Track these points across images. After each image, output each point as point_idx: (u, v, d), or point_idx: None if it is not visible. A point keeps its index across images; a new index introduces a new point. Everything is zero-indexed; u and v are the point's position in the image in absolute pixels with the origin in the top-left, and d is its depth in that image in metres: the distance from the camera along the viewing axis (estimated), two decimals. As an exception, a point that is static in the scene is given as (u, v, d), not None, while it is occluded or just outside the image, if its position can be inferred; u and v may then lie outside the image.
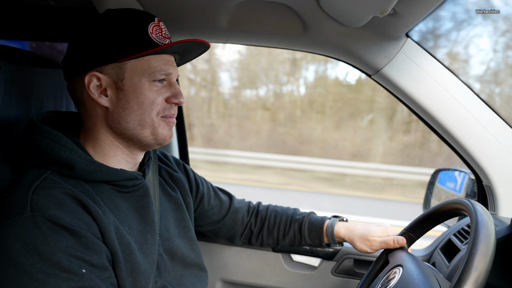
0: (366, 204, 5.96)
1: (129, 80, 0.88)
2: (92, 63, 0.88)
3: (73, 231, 0.75)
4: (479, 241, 0.69)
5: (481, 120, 1.21)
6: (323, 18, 1.18)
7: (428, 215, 1.01)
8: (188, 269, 1.08)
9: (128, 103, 0.89)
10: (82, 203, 0.81)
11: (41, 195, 0.77)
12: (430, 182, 1.57)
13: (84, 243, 0.76)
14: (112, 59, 0.87)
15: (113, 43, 0.87)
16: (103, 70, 0.88)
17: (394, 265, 0.96)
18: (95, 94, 0.88)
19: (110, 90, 0.89)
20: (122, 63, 0.88)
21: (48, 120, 0.95)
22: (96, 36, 0.89)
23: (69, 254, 0.73)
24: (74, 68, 0.91)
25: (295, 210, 1.36)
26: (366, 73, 1.34)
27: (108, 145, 0.93)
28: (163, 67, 0.91)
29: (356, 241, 1.20)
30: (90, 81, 0.88)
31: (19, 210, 0.74)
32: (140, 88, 0.88)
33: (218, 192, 1.34)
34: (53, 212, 0.75)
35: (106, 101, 0.89)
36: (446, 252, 1.26)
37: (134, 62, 0.88)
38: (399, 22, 1.11)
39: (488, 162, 1.23)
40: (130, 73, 0.88)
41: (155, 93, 0.90)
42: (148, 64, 0.89)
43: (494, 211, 1.27)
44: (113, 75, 0.88)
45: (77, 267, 0.73)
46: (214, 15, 1.24)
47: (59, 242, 0.73)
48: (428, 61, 1.23)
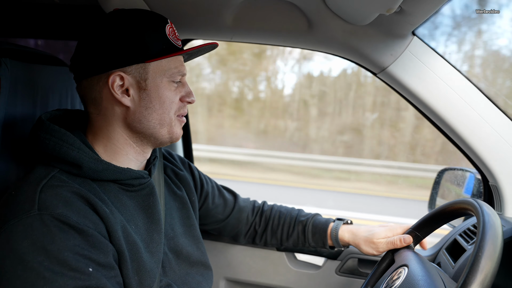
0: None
1: (152, 80, 0.90)
2: (116, 63, 0.88)
3: (80, 229, 0.76)
4: (486, 242, 0.68)
5: (488, 119, 1.20)
6: (329, 16, 1.18)
7: (434, 214, 1.01)
8: (194, 267, 1.08)
9: (151, 103, 0.91)
10: (89, 202, 0.81)
11: (49, 194, 0.77)
12: (436, 181, 1.56)
13: (91, 242, 0.76)
14: (138, 60, 0.89)
15: (138, 44, 0.88)
16: (127, 71, 0.89)
17: (399, 264, 0.96)
18: (118, 94, 0.89)
19: (133, 89, 0.90)
20: (146, 64, 0.90)
21: (56, 119, 0.95)
22: (118, 37, 0.88)
23: (76, 252, 0.73)
24: (92, 67, 0.90)
25: (299, 211, 1.36)
26: (371, 72, 1.33)
27: (121, 144, 0.93)
28: (180, 68, 0.94)
29: (362, 244, 1.20)
30: (114, 81, 0.88)
31: (27, 208, 0.75)
32: (162, 88, 0.91)
33: (223, 191, 1.34)
34: (61, 210, 0.75)
35: (128, 101, 0.90)
36: (451, 252, 1.26)
37: (157, 63, 0.91)
38: (405, 20, 1.10)
39: (495, 161, 1.22)
40: (153, 73, 0.90)
41: (173, 92, 0.94)
42: (169, 65, 0.92)
43: (500, 211, 1.26)
44: (137, 75, 0.89)
45: (84, 265, 0.73)
46: (219, 13, 1.24)
47: (66, 240, 0.73)
48: (435, 60, 1.22)
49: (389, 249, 1.12)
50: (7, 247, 0.72)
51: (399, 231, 1.15)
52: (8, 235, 0.73)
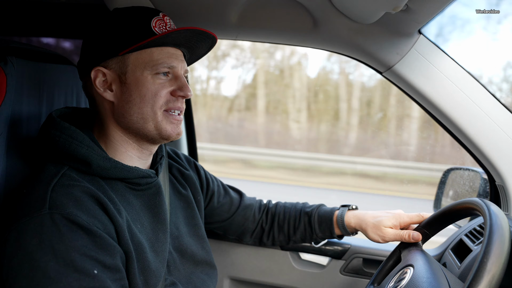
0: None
1: (132, 74, 0.89)
2: (96, 58, 0.90)
3: (89, 230, 0.76)
4: (494, 242, 0.68)
5: (494, 118, 1.19)
6: (334, 15, 1.17)
7: (443, 213, 1.00)
8: (198, 266, 1.08)
9: (131, 96, 0.90)
10: (100, 201, 0.81)
11: (60, 193, 0.78)
12: (441, 181, 1.55)
13: (98, 243, 0.77)
14: (113, 53, 0.89)
15: (114, 37, 0.89)
16: (108, 65, 0.90)
17: (405, 264, 0.95)
18: (100, 89, 0.90)
19: (115, 84, 0.91)
20: (125, 56, 0.89)
21: (66, 116, 0.96)
22: (100, 33, 0.91)
23: (83, 253, 0.74)
24: (83, 65, 0.93)
25: (304, 204, 1.35)
26: (377, 70, 1.32)
27: (118, 141, 0.93)
28: (166, 60, 0.91)
29: (368, 231, 1.17)
30: (96, 76, 0.90)
31: (38, 207, 0.75)
32: (142, 81, 0.89)
33: (228, 190, 1.34)
34: (71, 210, 0.76)
35: (111, 96, 0.91)
36: (457, 253, 1.25)
37: (136, 55, 0.89)
38: (411, 18, 1.09)
39: (501, 161, 1.21)
40: (132, 66, 0.89)
41: (158, 85, 0.90)
42: (150, 57, 0.90)
43: (507, 211, 1.25)
44: (117, 70, 0.90)
45: (89, 267, 0.74)
46: (224, 11, 1.24)
47: (74, 240, 0.74)
48: (441, 58, 1.21)
49: (396, 240, 1.11)
50: (16, 245, 0.72)
51: (406, 219, 1.13)
52: (19, 233, 0.73)
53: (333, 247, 1.46)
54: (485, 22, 6.43)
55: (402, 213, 1.16)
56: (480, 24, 6.67)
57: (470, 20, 6.46)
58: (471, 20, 6.47)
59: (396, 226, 1.13)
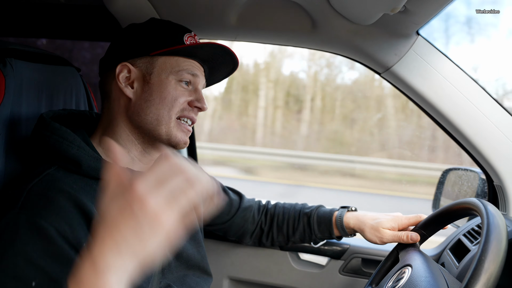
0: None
1: (157, 75, 0.93)
2: (125, 55, 0.94)
3: (48, 236, 0.71)
4: (491, 242, 0.68)
5: (492, 119, 1.20)
6: (333, 16, 1.17)
7: (440, 213, 1.01)
8: (191, 270, 1.07)
9: (151, 96, 0.92)
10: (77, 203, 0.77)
11: (34, 193, 0.76)
12: (440, 181, 1.56)
13: (51, 252, 0.70)
14: (144, 52, 0.93)
15: (148, 38, 0.95)
16: (135, 63, 0.94)
17: (403, 264, 0.96)
18: (122, 83, 0.93)
19: (137, 82, 0.94)
20: (154, 58, 0.93)
21: (60, 118, 0.95)
22: (134, 33, 0.96)
23: (28, 260, 0.69)
24: (108, 61, 0.96)
25: (303, 205, 1.35)
26: (376, 71, 1.33)
27: (124, 141, 0.94)
28: (190, 68, 0.96)
29: (367, 232, 1.18)
30: (120, 71, 0.93)
31: (12, 206, 0.74)
32: (165, 84, 0.93)
33: (228, 192, 1.34)
34: (37, 210, 0.73)
35: (131, 92, 0.93)
36: (455, 253, 1.25)
37: (165, 59, 0.94)
38: (409, 20, 1.09)
39: (499, 161, 1.21)
40: (159, 68, 0.93)
41: (179, 92, 0.94)
42: (177, 63, 0.94)
43: (505, 211, 1.25)
44: (143, 69, 0.93)
45: (31, 275, 0.68)
46: (224, 12, 1.24)
47: (25, 245, 0.69)
48: (439, 59, 1.22)
49: (394, 242, 1.12)
50: None
51: (405, 221, 1.14)
52: None
53: (332, 247, 1.47)
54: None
55: (401, 215, 1.17)
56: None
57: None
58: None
59: (395, 228, 1.14)
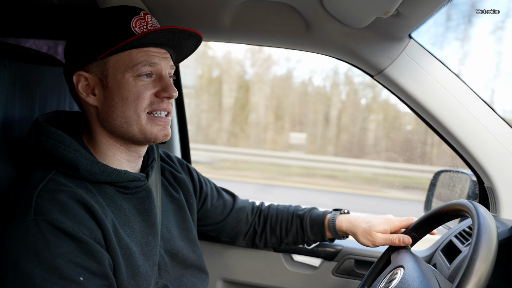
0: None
1: (113, 77, 0.87)
2: (77, 63, 0.88)
3: (75, 236, 0.75)
4: (481, 243, 0.69)
5: (483, 121, 1.21)
6: (326, 19, 1.18)
7: (431, 215, 1.02)
8: (188, 270, 1.07)
9: (113, 100, 0.87)
10: (87, 206, 0.80)
11: (45, 198, 0.77)
12: (432, 183, 1.57)
13: (84, 249, 0.76)
14: (92, 57, 0.87)
15: (93, 40, 0.87)
16: (89, 69, 0.88)
17: (395, 265, 0.96)
18: (83, 93, 0.89)
19: (97, 88, 0.89)
20: (105, 60, 0.87)
21: (53, 120, 0.95)
22: (80, 35, 0.89)
23: (68, 260, 0.73)
24: (66, 69, 0.92)
25: (296, 207, 1.36)
26: (368, 74, 1.34)
27: (105, 145, 0.92)
28: (146, 58, 0.87)
29: (359, 235, 1.19)
30: (78, 81, 0.88)
31: (23, 213, 0.74)
32: (123, 84, 0.87)
33: (222, 192, 1.34)
34: (56, 216, 0.75)
35: (95, 100, 0.89)
36: (447, 254, 1.26)
37: (116, 57, 0.87)
38: (402, 23, 1.11)
39: (490, 163, 1.23)
40: (113, 69, 0.87)
41: (140, 87, 0.88)
42: (130, 58, 0.87)
43: (495, 213, 1.27)
44: (98, 73, 0.88)
45: (75, 274, 0.73)
46: (218, 14, 1.24)
47: (59, 247, 0.73)
48: (431, 63, 1.23)
49: (386, 245, 1.12)
50: (1, 252, 0.72)
51: (397, 224, 1.15)
52: (4, 240, 0.73)
53: (325, 248, 1.47)
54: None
55: (393, 218, 1.18)
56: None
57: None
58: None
59: (387, 231, 1.15)
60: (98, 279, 0.77)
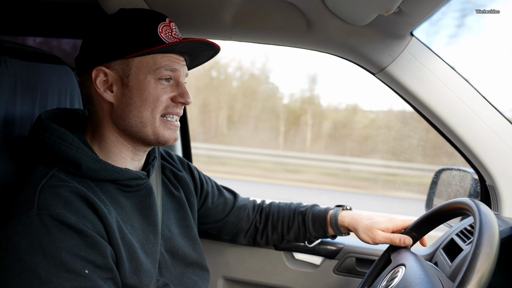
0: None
1: (135, 77, 0.89)
2: (100, 58, 0.90)
3: (79, 230, 0.76)
4: (483, 242, 0.69)
5: (485, 119, 1.21)
6: (328, 16, 1.18)
7: (431, 214, 1.01)
8: (189, 268, 1.08)
9: (132, 99, 0.89)
10: (89, 201, 0.81)
11: (48, 194, 0.78)
12: (433, 181, 1.57)
13: (88, 243, 0.77)
14: (118, 55, 0.88)
15: (121, 40, 0.89)
16: (111, 66, 0.89)
17: (396, 264, 0.96)
18: (101, 88, 0.90)
19: (116, 86, 0.90)
20: (129, 59, 0.89)
21: (56, 118, 0.95)
22: (106, 33, 0.90)
23: (73, 253, 0.74)
24: (84, 63, 0.93)
25: (298, 204, 1.36)
26: (370, 72, 1.34)
27: (113, 142, 0.93)
28: (168, 63, 0.91)
29: (360, 231, 1.19)
30: (97, 76, 0.89)
31: (27, 208, 0.75)
32: (144, 85, 0.89)
33: (223, 191, 1.34)
34: (60, 210, 0.75)
35: (111, 97, 0.90)
36: (448, 252, 1.26)
37: (140, 59, 0.89)
38: (404, 21, 1.10)
39: (492, 161, 1.23)
40: (136, 69, 0.89)
41: (160, 91, 0.91)
42: (154, 61, 0.90)
43: (497, 211, 1.26)
44: (120, 71, 0.89)
45: (80, 267, 0.74)
46: (219, 12, 1.24)
47: (64, 241, 0.73)
48: (433, 60, 1.23)
49: (386, 243, 1.12)
50: (5, 246, 0.72)
51: (400, 224, 1.14)
52: (8, 234, 0.73)
53: (326, 246, 1.47)
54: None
55: (397, 217, 1.18)
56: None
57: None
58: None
59: (389, 230, 1.15)
60: (103, 272, 0.78)
